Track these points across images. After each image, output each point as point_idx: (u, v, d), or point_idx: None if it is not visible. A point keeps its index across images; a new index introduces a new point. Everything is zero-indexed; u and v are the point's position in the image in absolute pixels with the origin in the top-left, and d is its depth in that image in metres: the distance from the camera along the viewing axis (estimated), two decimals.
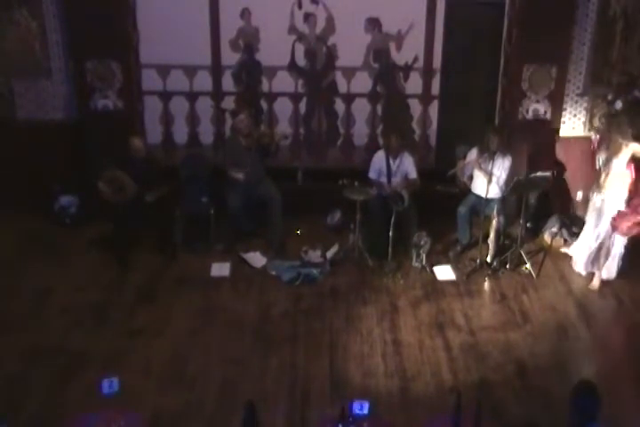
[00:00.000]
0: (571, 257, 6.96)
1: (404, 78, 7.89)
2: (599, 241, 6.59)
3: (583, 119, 7.75)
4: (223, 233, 7.17)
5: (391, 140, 7.07)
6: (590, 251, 6.66)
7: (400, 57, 7.80)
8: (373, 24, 7.65)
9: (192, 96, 7.91)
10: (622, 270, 6.63)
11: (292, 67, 7.83)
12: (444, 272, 6.84)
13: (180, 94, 7.89)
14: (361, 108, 7.99)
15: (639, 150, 6.35)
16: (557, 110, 7.63)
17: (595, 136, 7.24)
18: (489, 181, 6.67)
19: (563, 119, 7.70)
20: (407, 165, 7.10)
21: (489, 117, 7.81)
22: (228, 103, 7.93)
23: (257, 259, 6.94)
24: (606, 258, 6.61)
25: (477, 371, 5.46)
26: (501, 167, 6.78)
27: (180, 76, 7.81)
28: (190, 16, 7.51)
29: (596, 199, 6.59)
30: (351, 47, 7.73)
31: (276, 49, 7.73)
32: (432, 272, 6.82)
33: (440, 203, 7.22)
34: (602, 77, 7.56)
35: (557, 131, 7.71)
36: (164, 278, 6.67)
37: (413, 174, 7.10)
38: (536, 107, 7.60)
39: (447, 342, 5.82)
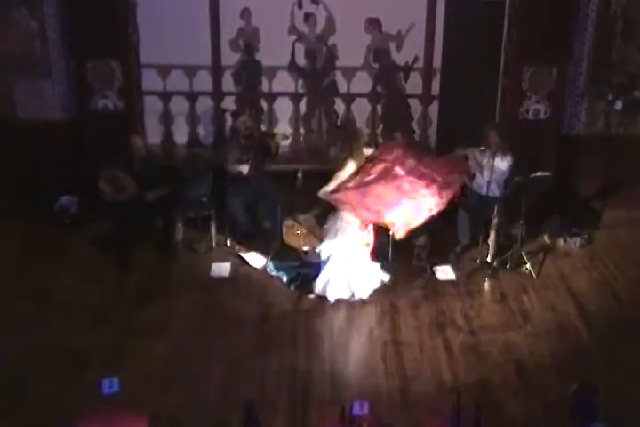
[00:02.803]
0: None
1: (404, 78, 7.89)
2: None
3: (583, 119, 7.74)
4: (223, 233, 7.17)
5: (396, 138, 7.06)
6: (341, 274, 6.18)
7: (400, 57, 7.80)
8: (373, 24, 7.65)
9: (192, 96, 7.90)
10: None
11: (292, 67, 7.83)
12: (444, 272, 6.83)
13: (180, 94, 7.88)
14: (361, 109, 7.99)
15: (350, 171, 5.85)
16: (557, 110, 7.63)
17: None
18: (489, 180, 6.67)
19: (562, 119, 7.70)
20: None
21: (489, 117, 7.80)
22: (229, 103, 7.93)
23: (257, 259, 6.94)
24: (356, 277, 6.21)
25: (477, 371, 5.46)
26: (501, 167, 6.78)
27: (180, 76, 7.81)
28: (190, 16, 7.51)
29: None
30: (351, 47, 7.72)
31: (276, 49, 7.73)
32: (432, 272, 6.81)
33: None
34: (602, 77, 7.56)
35: (557, 131, 7.71)
36: (164, 278, 6.67)
37: None
38: (536, 107, 7.60)
39: (447, 342, 5.82)
